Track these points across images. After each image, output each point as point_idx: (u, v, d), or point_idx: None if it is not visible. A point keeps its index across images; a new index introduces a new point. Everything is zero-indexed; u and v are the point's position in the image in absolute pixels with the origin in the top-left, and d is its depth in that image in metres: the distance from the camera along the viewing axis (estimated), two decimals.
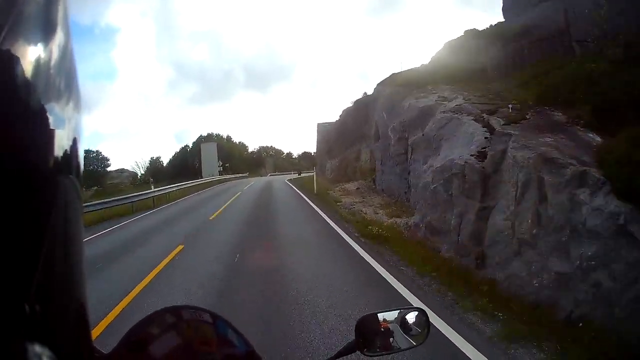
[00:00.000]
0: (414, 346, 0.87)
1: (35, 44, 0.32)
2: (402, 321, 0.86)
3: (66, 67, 0.35)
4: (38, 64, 0.31)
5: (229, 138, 64.35)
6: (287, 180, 29.00)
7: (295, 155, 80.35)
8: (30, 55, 0.31)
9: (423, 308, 0.97)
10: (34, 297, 0.29)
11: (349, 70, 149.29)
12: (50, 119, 0.32)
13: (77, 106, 0.37)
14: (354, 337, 0.83)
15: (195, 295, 4.52)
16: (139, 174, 48.87)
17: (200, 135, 59.63)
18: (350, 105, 25.05)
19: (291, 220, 9.86)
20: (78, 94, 0.37)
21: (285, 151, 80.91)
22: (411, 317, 0.88)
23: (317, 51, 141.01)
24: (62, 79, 0.35)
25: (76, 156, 0.36)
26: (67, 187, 0.34)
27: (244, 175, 47.50)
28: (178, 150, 58.65)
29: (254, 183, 27.44)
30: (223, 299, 4.42)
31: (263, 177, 44.57)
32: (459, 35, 12.98)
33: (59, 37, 0.34)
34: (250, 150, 69.61)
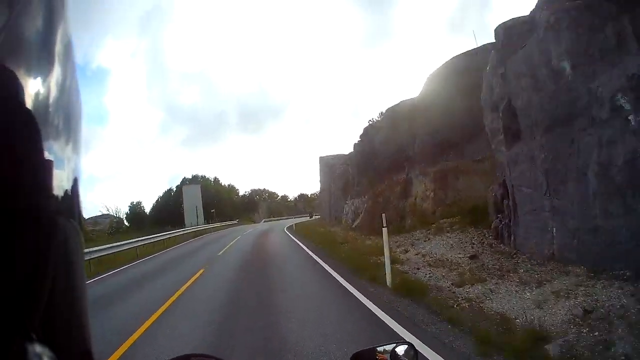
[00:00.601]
0: None
1: (35, 77, 0.31)
2: (393, 355, 0.91)
3: (64, 104, 0.35)
4: (37, 99, 0.31)
5: (216, 180, 56.14)
6: (288, 229, 20.65)
7: (291, 197, 73.29)
8: (31, 89, 0.30)
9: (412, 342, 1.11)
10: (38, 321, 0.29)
11: (343, 104, 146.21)
12: (50, 158, 0.32)
13: (77, 147, 0.36)
14: None
15: None
16: (114, 219, 40.39)
17: (184, 178, 52.05)
18: (377, 120, 18.13)
19: None
20: (78, 134, 0.37)
21: (280, 194, 74.42)
22: (401, 350, 0.93)
23: (308, 88, 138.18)
24: (61, 117, 0.34)
25: (77, 198, 0.36)
26: (68, 229, 0.34)
27: (233, 222, 39.27)
28: (161, 195, 50.67)
29: (240, 239, 15.94)
30: None
31: (257, 225, 36.11)
32: None
33: (56, 73, 0.34)
34: (241, 193, 62.25)
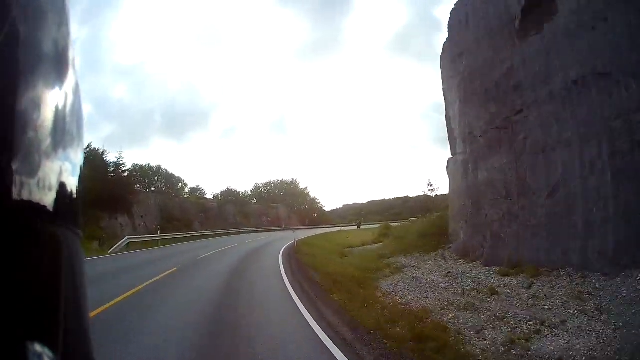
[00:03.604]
0: None
1: (53, 87, 0.32)
2: None
3: (68, 109, 0.35)
4: (56, 110, 0.32)
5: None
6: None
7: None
8: (31, 93, 0.30)
9: None
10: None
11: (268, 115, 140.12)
12: (63, 169, 0.32)
13: (80, 153, 0.36)
14: None
15: None
16: None
17: None
18: None
19: None
20: (82, 139, 0.37)
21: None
22: None
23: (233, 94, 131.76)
24: (70, 122, 0.34)
25: (79, 205, 0.36)
26: (70, 236, 0.34)
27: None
28: None
29: None
30: None
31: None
32: None
33: (71, 80, 0.35)
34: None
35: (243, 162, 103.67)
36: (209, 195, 47.48)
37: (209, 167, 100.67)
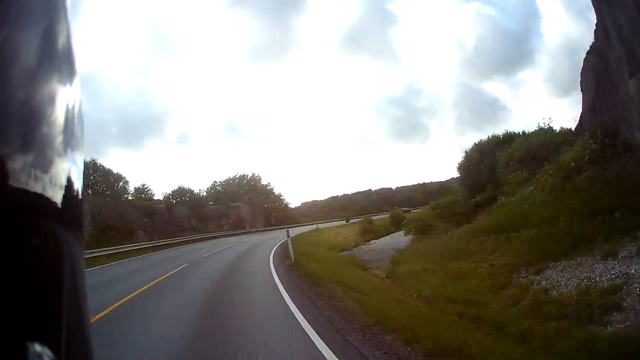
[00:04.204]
0: None
1: (65, 85, 0.31)
2: None
3: (81, 114, 0.35)
4: (67, 109, 0.31)
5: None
6: None
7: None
8: (62, 99, 0.30)
9: None
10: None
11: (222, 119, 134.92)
12: (70, 171, 0.32)
13: (81, 156, 0.36)
14: None
15: None
16: None
17: None
18: None
19: None
20: (82, 141, 0.36)
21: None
22: None
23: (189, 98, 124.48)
24: (67, 124, 0.33)
25: (81, 209, 0.36)
26: (71, 239, 0.34)
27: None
28: None
29: None
30: None
31: None
32: None
33: (77, 80, 0.34)
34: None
35: (199, 166, 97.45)
36: (158, 196, 39.70)
37: (165, 174, 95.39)
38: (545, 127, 17.61)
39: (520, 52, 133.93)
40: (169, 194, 40.14)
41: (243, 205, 42.78)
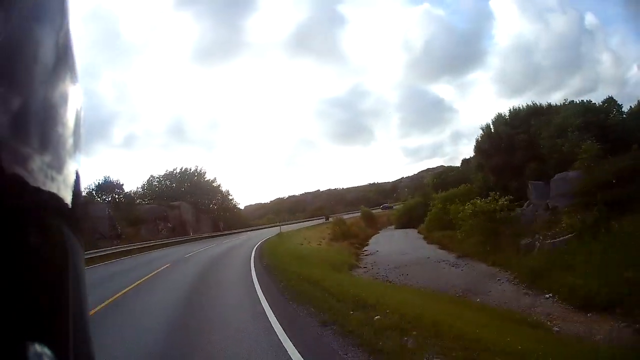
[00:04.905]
0: None
1: (74, 85, 0.31)
2: None
3: (84, 118, 0.35)
4: (76, 111, 0.31)
5: None
6: None
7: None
8: (73, 101, 0.30)
9: None
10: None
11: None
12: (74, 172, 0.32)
13: (79, 155, 0.35)
14: None
15: None
16: None
17: None
18: None
19: None
20: (81, 141, 0.35)
21: None
22: None
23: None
24: (61, 123, 0.32)
25: (84, 211, 0.43)
26: (71, 238, 0.33)
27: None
28: None
29: None
30: None
31: None
32: None
33: (58, 78, 0.33)
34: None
35: (144, 170, 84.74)
36: None
37: (108, 176, 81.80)
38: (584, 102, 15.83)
39: (471, 54, 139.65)
40: (92, 189, 29.63)
41: (185, 205, 35.45)
